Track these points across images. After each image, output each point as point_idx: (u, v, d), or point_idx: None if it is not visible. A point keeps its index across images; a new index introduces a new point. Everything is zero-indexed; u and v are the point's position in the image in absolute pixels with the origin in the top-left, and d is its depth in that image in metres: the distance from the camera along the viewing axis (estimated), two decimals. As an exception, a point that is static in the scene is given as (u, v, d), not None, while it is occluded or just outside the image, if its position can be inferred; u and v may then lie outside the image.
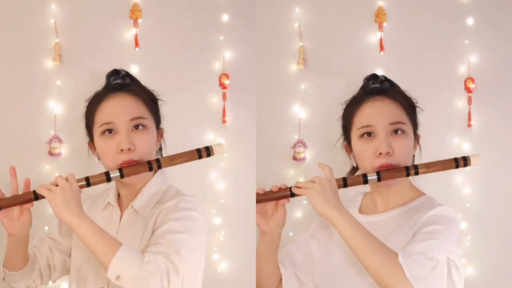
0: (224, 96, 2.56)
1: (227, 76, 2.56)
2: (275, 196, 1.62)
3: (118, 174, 1.59)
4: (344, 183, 1.61)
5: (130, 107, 1.65)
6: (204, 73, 2.57)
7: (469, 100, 2.58)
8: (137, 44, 2.53)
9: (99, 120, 1.65)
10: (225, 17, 2.58)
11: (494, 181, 2.54)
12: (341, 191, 1.59)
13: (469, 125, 2.57)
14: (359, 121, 1.67)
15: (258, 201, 1.62)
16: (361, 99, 1.70)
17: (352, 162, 1.74)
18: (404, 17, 2.61)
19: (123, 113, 1.63)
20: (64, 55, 2.50)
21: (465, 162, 1.63)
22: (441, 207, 1.59)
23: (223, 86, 2.56)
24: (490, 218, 2.56)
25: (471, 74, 2.58)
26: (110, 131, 1.63)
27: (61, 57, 2.49)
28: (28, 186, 1.62)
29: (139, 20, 2.54)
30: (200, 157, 1.64)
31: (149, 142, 1.65)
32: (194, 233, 1.54)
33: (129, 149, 1.60)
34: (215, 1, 2.58)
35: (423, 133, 1.76)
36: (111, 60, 2.44)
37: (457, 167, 1.63)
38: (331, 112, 2.53)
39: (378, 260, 1.44)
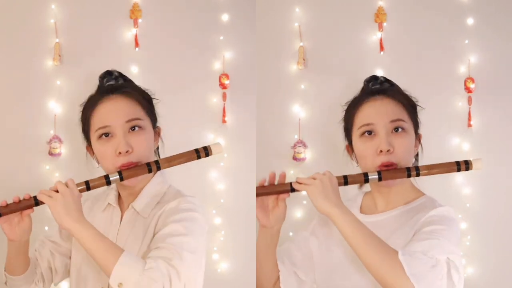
0: (224, 96, 2.56)
1: (227, 76, 2.56)
2: (276, 190, 1.63)
3: (118, 177, 1.59)
4: (345, 181, 1.62)
5: (125, 109, 1.64)
6: (204, 73, 2.57)
7: (469, 100, 2.58)
8: (137, 44, 2.53)
9: (95, 124, 1.64)
10: (225, 17, 2.58)
11: (494, 181, 2.54)
12: (342, 190, 1.59)
13: (469, 125, 2.57)
14: (360, 120, 1.68)
15: (258, 195, 1.63)
16: (361, 99, 1.71)
17: (353, 163, 1.74)
18: (404, 17, 2.61)
19: (118, 115, 1.63)
20: (64, 55, 2.49)
21: (466, 166, 1.63)
22: (442, 207, 1.60)
23: (223, 86, 2.56)
24: (490, 218, 2.56)
25: (471, 74, 2.58)
26: (107, 134, 1.63)
27: (61, 57, 2.49)
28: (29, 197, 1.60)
29: (139, 20, 2.53)
30: (198, 157, 1.64)
31: (146, 142, 1.65)
32: (195, 234, 1.54)
33: (127, 151, 1.60)
34: (215, 1, 2.58)
35: (423, 133, 1.76)
36: (111, 60, 2.44)
37: (458, 170, 1.64)
38: (331, 112, 2.53)
39: (378, 258, 1.45)
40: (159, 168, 1.63)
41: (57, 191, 1.52)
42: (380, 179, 1.61)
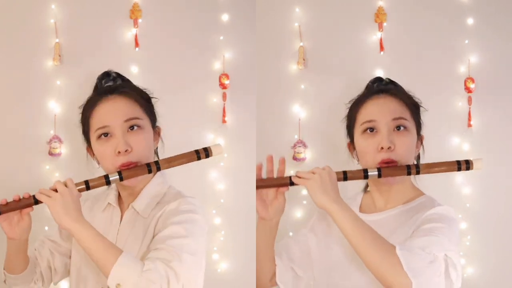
0: (224, 96, 2.56)
1: (227, 76, 2.56)
2: (275, 183, 1.64)
3: (118, 177, 1.59)
4: (344, 176, 1.62)
5: (123, 108, 1.65)
6: (204, 73, 2.57)
7: (469, 100, 2.58)
8: (137, 44, 2.53)
9: (94, 125, 1.65)
10: (225, 17, 2.58)
11: (494, 181, 2.54)
12: (342, 189, 1.59)
13: (469, 125, 2.57)
14: (362, 117, 1.69)
15: (258, 187, 1.64)
16: (364, 97, 1.73)
17: (354, 163, 1.74)
18: (404, 17, 2.61)
19: (117, 115, 1.63)
20: (64, 55, 2.49)
21: (467, 165, 1.63)
22: (441, 206, 1.60)
23: (223, 86, 2.56)
24: (490, 218, 2.56)
25: (471, 74, 2.58)
26: (106, 134, 1.63)
27: (61, 57, 2.49)
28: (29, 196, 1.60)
29: (139, 20, 2.53)
30: (199, 159, 1.65)
31: (145, 142, 1.65)
32: (195, 236, 1.54)
33: (126, 150, 1.60)
34: (215, 1, 2.58)
35: (423, 133, 1.76)
36: (111, 60, 2.44)
37: (459, 170, 1.64)
38: (331, 112, 2.54)
39: (376, 254, 1.45)
40: (159, 169, 1.63)
41: (56, 191, 1.52)
42: (379, 175, 1.61)
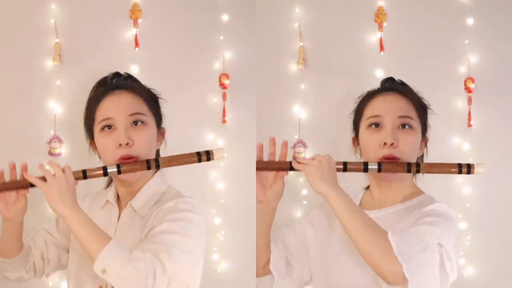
0: (224, 96, 2.56)
1: (227, 76, 2.56)
2: (275, 167, 1.65)
3: (116, 170, 1.59)
4: (344, 167, 1.63)
5: (129, 103, 1.66)
6: (204, 73, 2.57)
7: (469, 100, 2.58)
8: (137, 44, 2.53)
9: (99, 117, 1.66)
10: (225, 17, 2.58)
11: (494, 181, 2.54)
12: (342, 186, 1.59)
13: (469, 125, 2.57)
14: (369, 112, 1.70)
15: (258, 169, 1.66)
16: (374, 93, 1.74)
17: (356, 158, 1.75)
18: (404, 17, 2.61)
19: (122, 109, 1.64)
20: (64, 55, 2.49)
21: (468, 169, 1.63)
22: (439, 203, 1.61)
23: (223, 86, 2.56)
24: (490, 218, 2.56)
25: (471, 74, 2.58)
26: (110, 127, 1.64)
27: (61, 57, 2.48)
28: (25, 170, 1.64)
29: (139, 20, 2.53)
30: (199, 161, 1.65)
31: (147, 138, 1.65)
32: (190, 235, 1.53)
33: (127, 143, 1.61)
34: (215, 1, 2.58)
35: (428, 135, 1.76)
36: (111, 60, 2.44)
37: (460, 173, 1.64)
38: (331, 112, 2.55)
39: (369, 239, 1.45)
40: (158, 167, 1.63)
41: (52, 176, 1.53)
42: (379, 170, 1.62)
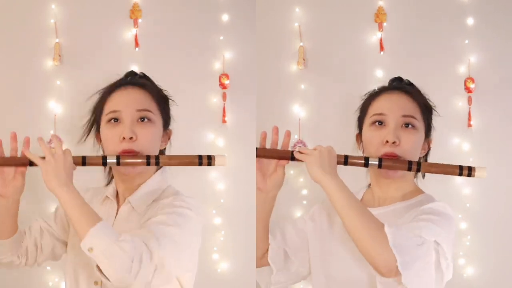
0: (224, 96, 2.56)
1: (227, 76, 2.56)
2: (276, 154, 1.65)
3: (115, 161, 1.59)
4: (345, 160, 1.64)
5: (138, 98, 1.66)
6: (204, 73, 2.57)
7: (469, 100, 2.58)
8: (137, 44, 2.53)
9: (107, 109, 1.66)
10: (225, 17, 2.58)
11: (494, 181, 2.53)
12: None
13: (469, 125, 2.57)
14: (373, 110, 1.71)
15: (258, 156, 1.66)
16: (379, 91, 1.74)
17: (359, 153, 1.75)
18: (404, 17, 2.61)
19: (130, 103, 1.64)
20: (64, 55, 2.50)
21: (469, 172, 1.63)
22: (438, 202, 1.61)
23: (223, 86, 2.56)
24: (490, 218, 2.56)
25: (471, 74, 2.58)
26: (116, 120, 1.64)
27: (61, 57, 2.49)
28: (28, 143, 1.65)
29: (139, 20, 2.54)
30: (200, 164, 1.65)
31: (152, 135, 1.65)
32: (183, 230, 1.52)
33: (131, 138, 1.60)
34: (215, 1, 2.58)
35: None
36: (111, 60, 2.45)
37: (460, 175, 1.63)
38: (331, 112, 2.55)
39: (364, 229, 1.45)
40: (157, 164, 1.63)
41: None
42: (380, 166, 1.62)
